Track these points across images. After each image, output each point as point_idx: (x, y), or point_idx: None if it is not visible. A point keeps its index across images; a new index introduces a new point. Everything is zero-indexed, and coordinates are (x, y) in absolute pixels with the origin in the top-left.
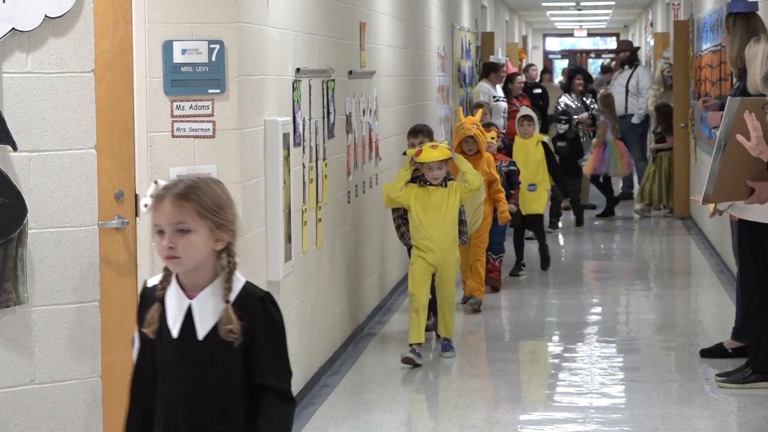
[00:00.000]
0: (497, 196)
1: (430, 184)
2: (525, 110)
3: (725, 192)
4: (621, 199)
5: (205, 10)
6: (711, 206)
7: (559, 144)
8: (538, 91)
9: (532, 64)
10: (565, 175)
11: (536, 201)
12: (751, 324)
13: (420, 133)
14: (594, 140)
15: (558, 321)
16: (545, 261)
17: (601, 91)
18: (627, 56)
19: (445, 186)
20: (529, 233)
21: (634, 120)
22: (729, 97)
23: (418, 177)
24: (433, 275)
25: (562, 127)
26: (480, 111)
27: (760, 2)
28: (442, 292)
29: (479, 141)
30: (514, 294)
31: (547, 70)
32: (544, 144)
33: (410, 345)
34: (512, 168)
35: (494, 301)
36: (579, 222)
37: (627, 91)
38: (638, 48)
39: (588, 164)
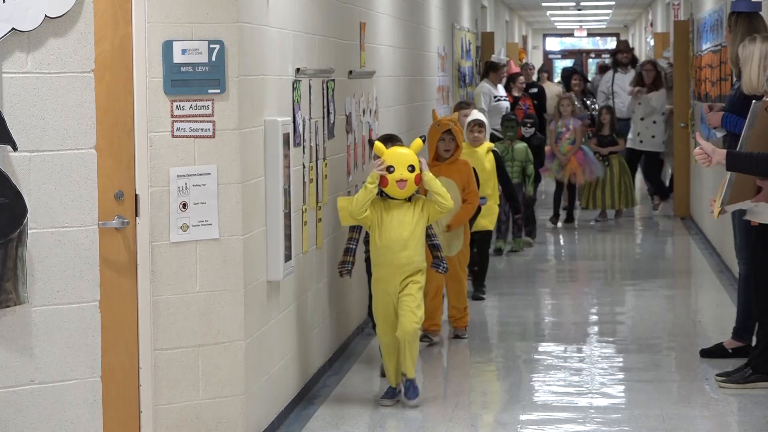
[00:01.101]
0: (469, 197)
1: (393, 198)
2: (476, 114)
3: (738, 192)
4: None
5: (205, 10)
6: (717, 208)
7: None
8: (535, 90)
9: (527, 64)
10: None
11: (486, 216)
12: (762, 326)
13: (389, 141)
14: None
15: (557, 321)
16: (478, 281)
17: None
18: (629, 57)
19: (410, 201)
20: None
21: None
22: (753, 101)
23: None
24: None
25: (528, 131)
26: (457, 114)
27: (763, 2)
28: (401, 326)
29: (458, 137)
30: (513, 294)
31: (545, 69)
32: (494, 153)
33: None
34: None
35: (493, 302)
36: (531, 233)
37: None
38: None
39: (567, 171)
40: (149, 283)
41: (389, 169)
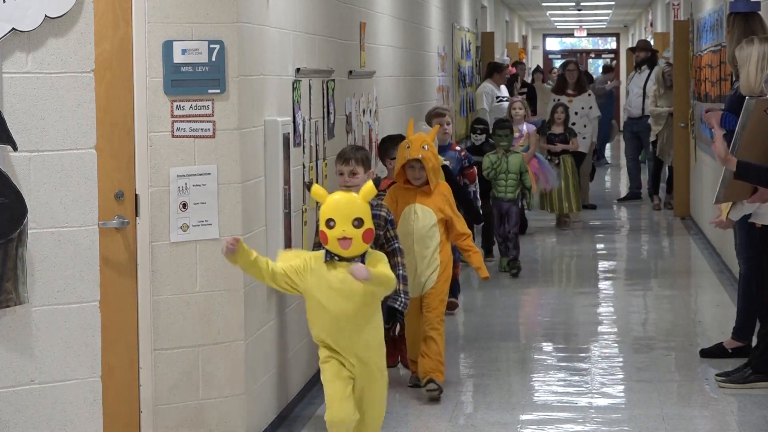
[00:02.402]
0: (464, 246)
1: (340, 258)
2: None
3: (733, 191)
4: (628, 198)
5: (205, 10)
6: (724, 211)
7: (475, 158)
8: (524, 90)
9: (519, 62)
10: (482, 197)
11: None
12: (764, 326)
13: (351, 160)
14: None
15: (557, 321)
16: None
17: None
18: (646, 56)
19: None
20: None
21: (651, 122)
22: (747, 97)
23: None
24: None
25: (478, 138)
26: (436, 128)
27: (762, 2)
28: (363, 418)
29: (427, 168)
30: (512, 294)
31: (540, 70)
32: (444, 168)
33: None
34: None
35: (492, 301)
36: (487, 252)
37: (644, 92)
38: (656, 51)
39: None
40: (149, 283)
41: (329, 222)
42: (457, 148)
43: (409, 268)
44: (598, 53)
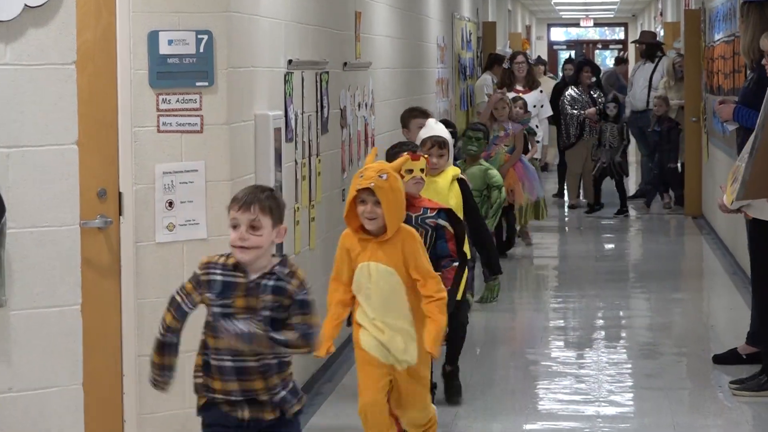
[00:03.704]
0: (427, 310)
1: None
2: (432, 128)
3: (756, 189)
4: (637, 196)
5: None
6: (729, 195)
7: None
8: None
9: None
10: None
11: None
12: (765, 328)
13: (251, 206)
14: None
15: (563, 325)
16: (453, 391)
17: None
18: (644, 48)
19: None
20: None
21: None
22: None
23: None
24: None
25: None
26: (403, 157)
27: None
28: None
29: (384, 203)
30: (516, 297)
31: (542, 61)
32: (461, 182)
33: None
34: (441, 222)
35: (493, 305)
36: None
37: (650, 85)
38: (661, 43)
39: (518, 193)
40: (133, 286)
41: None
42: None
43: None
44: (606, 44)
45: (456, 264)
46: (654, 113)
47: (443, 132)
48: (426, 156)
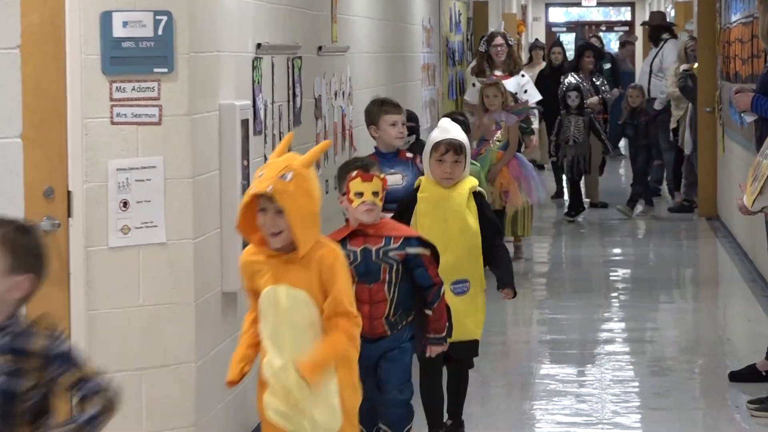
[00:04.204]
0: (327, 327)
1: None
2: (446, 129)
3: None
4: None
5: None
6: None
7: None
8: None
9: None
10: None
11: (470, 314)
12: None
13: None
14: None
15: (562, 339)
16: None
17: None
18: (650, 30)
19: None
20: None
21: (656, 105)
22: None
23: None
24: None
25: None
26: (321, 144)
27: None
28: None
29: (287, 212)
30: (513, 308)
31: (540, 45)
32: (477, 196)
33: None
34: (412, 250)
35: (491, 316)
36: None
37: (651, 71)
38: (669, 25)
39: (497, 188)
40: (84, 295)
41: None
42: (409, 155)
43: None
44: (610, 25)
45: (443, 290)
46: (626, 105)
47: (460, 134)
48: (383, 177)
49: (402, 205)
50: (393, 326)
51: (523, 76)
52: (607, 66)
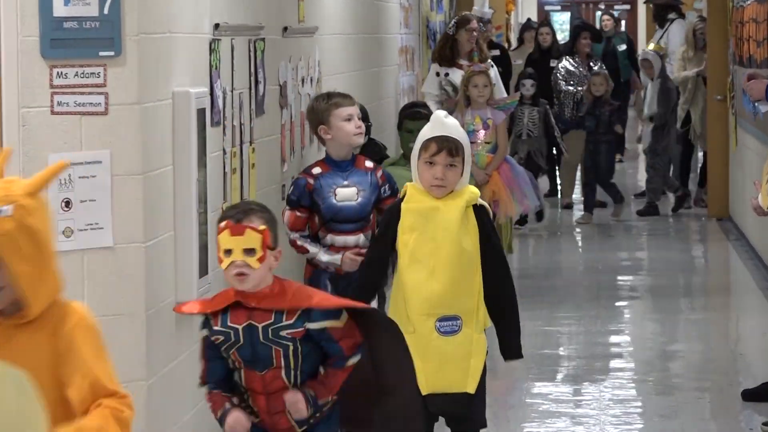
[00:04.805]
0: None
1: None
2: (441, 124)
3: None
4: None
5: None
6: (765, 200)
7: None
8: (495, 52)
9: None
10: None
11: (458, 360)
12: None
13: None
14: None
15: (556, 354)
16: None
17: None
18: (654, 11)
19: None
20: None
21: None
22: None
23: None
24: None
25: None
26: (51, 169)
27: None
28: None
29: (10, 259)
30: None
31: (532, 25)
32: (478, 210)
33: None
34: (313, 326)
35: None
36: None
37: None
38: (676, 3)
39: (486, 195)
40: None
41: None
42: (368, 164)
43: None
44: (609, 4)
45: (354, 361)
46: (587, 93)
47: (457, 131)
48: (265, 228)
49: (383, 222)
50: (303, 421)
51: (492, 66)
52: (623, 47)
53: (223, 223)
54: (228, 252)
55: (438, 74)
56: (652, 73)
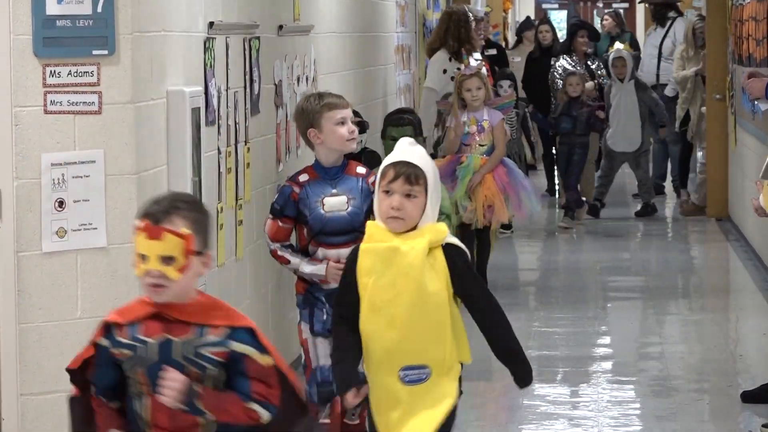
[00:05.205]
0: None
1: None
2: (402, 150)
3: None
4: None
5: None
6: (765, 195)
7: None
8: (492, 51)
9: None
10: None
11: (419, 409)
12: None
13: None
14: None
15: (553, 355)
16: None
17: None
18: (655, 9)
19: None
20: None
21: (668, 92)
22: None
23: None
24: None
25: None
26: None
27: None
28: None
29: None
30: None
31: (530, 23)
32: (448, 250)
33: None
34: (237, 347)
35: (469, 330)
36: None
37: (660, 54)
38: (675, 2)
39: (479, 201)
40: (14, 306)
41: None
42: (360, 169)
43: None
44: (608, 2)
45: (259, 412)
46: (563, 93)
47: (420, 159)
48: (188, 233)
49: (344, 268)
50: None
51: (477, 61)
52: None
53: (140, 222)
54: (143, 257)
55: (445, 71)
56: (623, 73)
